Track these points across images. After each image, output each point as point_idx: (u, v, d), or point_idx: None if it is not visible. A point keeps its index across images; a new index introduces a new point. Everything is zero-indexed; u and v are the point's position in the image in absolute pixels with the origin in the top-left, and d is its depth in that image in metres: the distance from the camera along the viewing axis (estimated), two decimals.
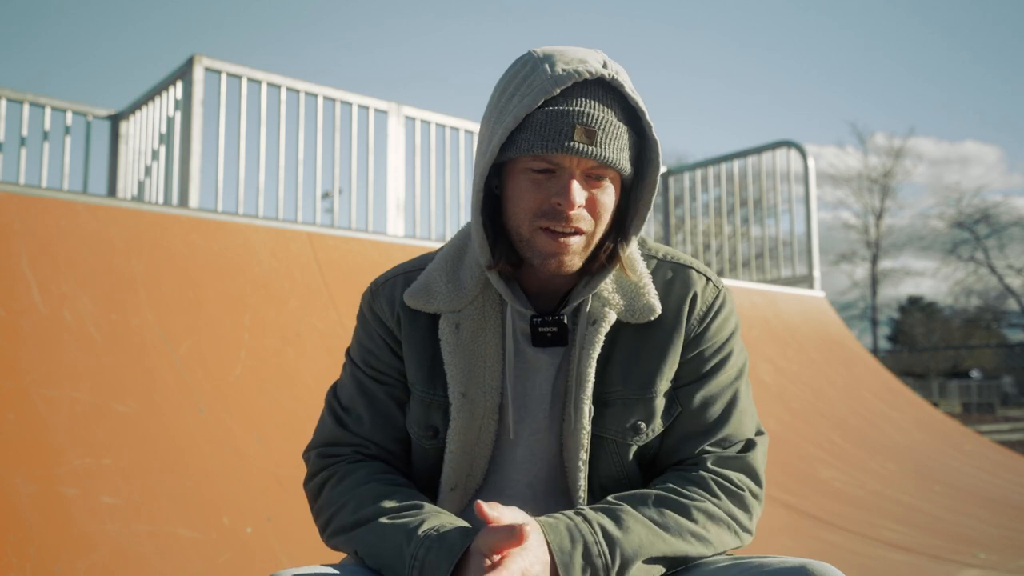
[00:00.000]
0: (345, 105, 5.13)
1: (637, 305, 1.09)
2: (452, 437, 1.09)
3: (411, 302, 1.11)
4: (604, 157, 1.00)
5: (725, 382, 1.11)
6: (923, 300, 39.06)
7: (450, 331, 1.09)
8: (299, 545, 2.44)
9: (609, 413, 1.08)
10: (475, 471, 1.11)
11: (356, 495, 1.04)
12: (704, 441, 1.08)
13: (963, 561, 3.31)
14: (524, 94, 1.01)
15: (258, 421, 2.88)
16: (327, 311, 3.48)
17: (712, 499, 1.03)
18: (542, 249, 1.03)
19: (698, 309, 1.11)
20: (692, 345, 1.10)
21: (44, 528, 2.18)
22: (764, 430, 1.14)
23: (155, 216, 3.35)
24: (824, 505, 3.90)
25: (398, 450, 1.14)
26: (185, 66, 4.62)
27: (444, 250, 1.16)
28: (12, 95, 5.14)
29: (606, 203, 1.04)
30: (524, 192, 1.03)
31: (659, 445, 1.11)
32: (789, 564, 0.92)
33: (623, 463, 1.09)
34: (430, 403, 1.11)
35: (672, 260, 1.15)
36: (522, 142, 1.01)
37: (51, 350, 2.65)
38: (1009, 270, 32.94)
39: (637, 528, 0.97)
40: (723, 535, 1.03)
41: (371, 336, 1.16)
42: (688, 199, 7.29)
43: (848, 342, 6.60)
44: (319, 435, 1.16)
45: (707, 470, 1.06)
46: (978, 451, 5.90)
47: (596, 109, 1.00)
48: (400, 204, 5.36)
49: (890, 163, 35.12)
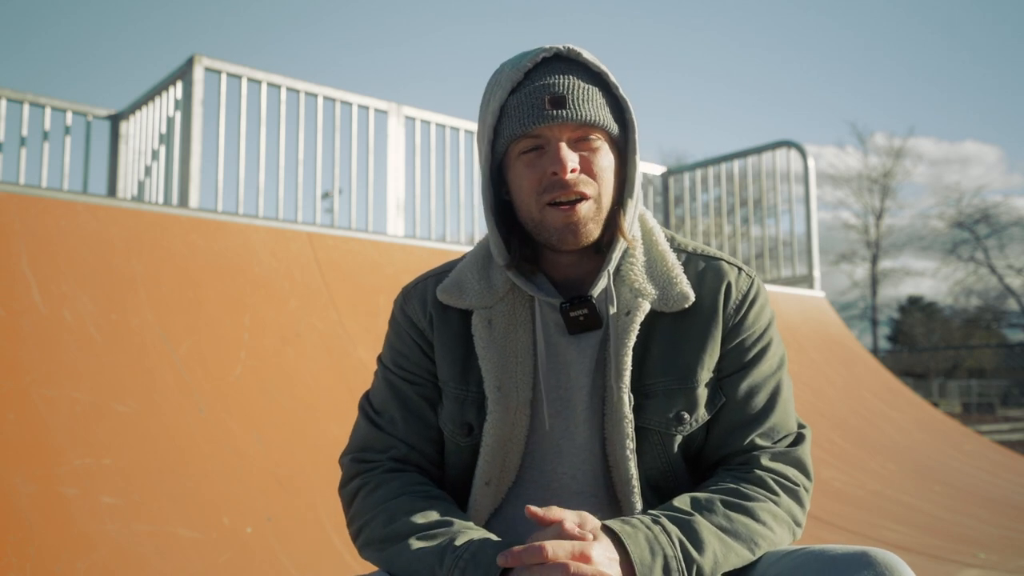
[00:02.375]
0: (345, 105, 5.13)
1: (671, 293, 1.09)
2: (488, 430, 1.09)
3: (444, 298, 1.13)
4: (581, 116, 1.04)
5: (768, 371, 1.12)
6: (923, 300, 39.05)
7: (483, 326, 1.11)
8: (299, 545, 2.44)
9: (651, 404, 1.08)
10: (508, 465, 1.11)
11: (388, 508, 1.05)
12: (751, 431, 1.08)
13: (963, 561, 3.31)
14: (496, 91, 1.07)
15: (258, 421, 2.88)
16: (327, 311, 3.48)
17: (773, 498, 1.04)
18: (554, 224, 1.05)
19: (734, 298, 1.11)
20: (732, 335, 1.11)
21: (44, 528, 2.18)
22: (806, 424, 1.15)
23: (155, 216, 3.35)
24: (824, 505, 3.90)
25: (431, 451, 1.15)
26: (185, 66, 4.62)
27: (473, 251, 1.19)
28: (12, 95, 5.14)
29: (602, 163, 1.06)
30: (522, 177, 1.06)
31: (704, 436, 1.10)
32: (851, 551, 0.92)
33: (668, 455, 1.09)
34: (464, 399, 1.12)
35: (703, 253, 1.16)
36: (504, 131, 1.06)
37: (51, 350, 2.65)
38: (1009, 270, 32.94)
39: (712, 542, 0.96)
40: (785, 533, 1.04)
41: (402, 338, 1.17)
42: (688, 199, 7.29)
43: (848, 342, 6.60)
44: (354, 440, 1.17)
45: (762, 468, 1.06)
46: (978, 451, 5.90)
47: (561, 77, 1.05)
48: (400, 204, 5.36)
49: (890, 163, 35.11)
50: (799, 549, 0.99)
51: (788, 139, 6.87)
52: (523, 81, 1.06)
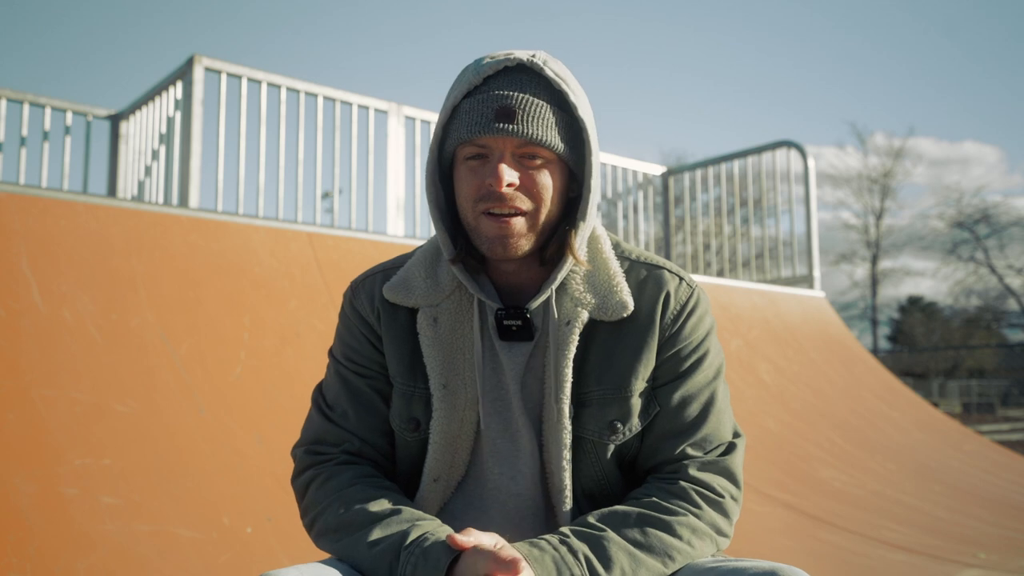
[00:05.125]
0: (345, 105, 5.13)
1: (609, 302, 1.09)
2: (435, 428, 1.10)
3: (390, 296, 1.13)
4: (527, 133, 1.03)
5: (703, 382, 1.12)
6: (923, 300, 39.05)
7: (428, 324, 1.11)
8: (299, 545, 2.44)
9: (586, 413, 1.09)
10: (457, 462, 1.13)
11: (341, 496, 1.06)
12: (683, 441, 1.09)
13: (963, 561, 3.31)
14: (455, 89, 1.08)
15: (258, 421, 2.88)
16: (327, 311, 3.48)
17: (694, 511, 1.05)
18: (487, 233, 1.05)
19: (671, 308, 1.11)
20: (668, 345, 1.11)
21: (44, 528, 2.18)
22: (741, 432, 1.15)
23: (155, 216, 3.35)
24: (824, 505, 3.90)
25: (383, 444, 1.15)
26: (185, 66, 4.62)
27: (423, 247, 1.19)
28: (12, 95, 5.14)
29: (543, 183, 1.06)
30: (463, 181, 1.07)
31: (639, 446, 1.11)
32: (762, 568, 0.94)
33: (602, 464, 1.10)
34: (411, 396, 1.13)
35: (646, 261, 1.16)
36: (453, 132, 1.06)
37: (51, 350, 2.65)
38: (1009, 270, 32.95)
39: (620, 559, 0.97)
40: (705, 546, 1.04)
41: (352, 332, 1.17)
42: (688, 199, 7.29)
43: (848, 342, 6.60)
44: (306, 432, 1.18)
45: (688, 479, 1.07)
46: (978, 451, 5.90)
47: (515, 90, 1.04)
48: (400, 204, 5.36)
49: (890, 163, 35.13)
50: (716, 563, 1.00)
51: (788, 139, 6.87)
52: (480, 86, 1.05)
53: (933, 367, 32.94)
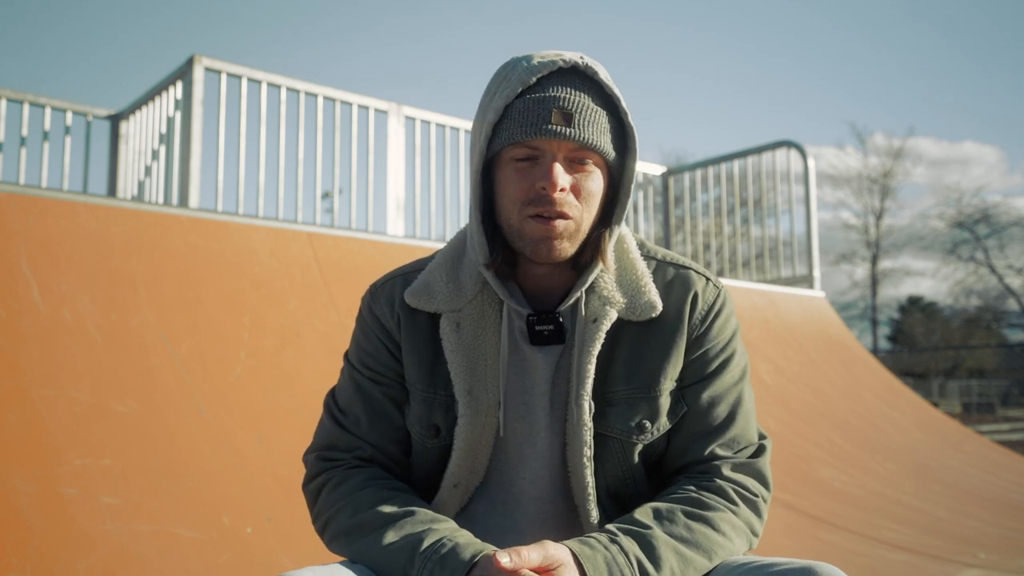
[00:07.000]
0: (345, 105, 5.13)
1: (638, 302, 1.09)
2: (460, 434, 1.09)
3: (411, 301, 1.12)
4: (583, 138, 1.02)
5: (730, 382, 1.12)
6: (923, 300, 39.04)
7: (451, 330, 1.10)
8: (299, 545, 2.44)
9: (613, 412, 1.08)
10: (477, 467, 1.12)
11: (354, 499, 1.05)
12: (712, 441, 1.09)
13: (963, 561, 3.31)
14: (504, 87, 1.05)
15: (258, 421, 2.88)
16: (327, 311, 3.48)
17: (732, 508, 1.05)
18: (532, 235, 1.04)
19: (699, 308, 1.11)
20: (696, 345, 1.11)
21: (44, 528, 2.18)
22: (766, 434, 1.15)
23: (155, 216, 3.35)
24: (824, 505, 3.90)
25: (396, 451, 1.14)
26: (185, 66, 4.62)
27: (443, 251, 1.17)
28: (12, 95, 5.14)
29: (591, 189, 1.05)
30: (511, 183, 1.05)
31: (665, 446, 1.11)
32: (796, 565, 0.93)
33: (628, 463, 1.10)
34: (432, 402, 1.11)
35: (672, 261, 1.16)
36: (504, 132, 1.04)
37: (51, 350, 2.65)
38: (1009, 270, 32.96)
39: (669, 558, 0.97)
40: (742, 543, 1.05)
41: (369, 338, 1.16)
42: (688, 199, 7.29)
43: (848, 342, 6.60)
44: (318, 438, 1.17)
45: (723, 478, 1.07)
46: (978, 451, 5.90)
47: (573, 94, 1.03)
48: (400, 204, 5.36)
49: (890, 163, 35.14)
50: (750, 561, 1.00)
51: (788, 139, 6.87)
52: (534, 85, 1.03)
53: (933, 367, 32.92)
